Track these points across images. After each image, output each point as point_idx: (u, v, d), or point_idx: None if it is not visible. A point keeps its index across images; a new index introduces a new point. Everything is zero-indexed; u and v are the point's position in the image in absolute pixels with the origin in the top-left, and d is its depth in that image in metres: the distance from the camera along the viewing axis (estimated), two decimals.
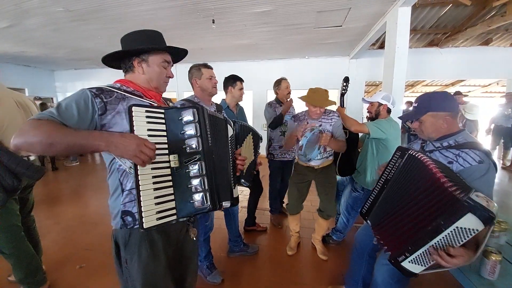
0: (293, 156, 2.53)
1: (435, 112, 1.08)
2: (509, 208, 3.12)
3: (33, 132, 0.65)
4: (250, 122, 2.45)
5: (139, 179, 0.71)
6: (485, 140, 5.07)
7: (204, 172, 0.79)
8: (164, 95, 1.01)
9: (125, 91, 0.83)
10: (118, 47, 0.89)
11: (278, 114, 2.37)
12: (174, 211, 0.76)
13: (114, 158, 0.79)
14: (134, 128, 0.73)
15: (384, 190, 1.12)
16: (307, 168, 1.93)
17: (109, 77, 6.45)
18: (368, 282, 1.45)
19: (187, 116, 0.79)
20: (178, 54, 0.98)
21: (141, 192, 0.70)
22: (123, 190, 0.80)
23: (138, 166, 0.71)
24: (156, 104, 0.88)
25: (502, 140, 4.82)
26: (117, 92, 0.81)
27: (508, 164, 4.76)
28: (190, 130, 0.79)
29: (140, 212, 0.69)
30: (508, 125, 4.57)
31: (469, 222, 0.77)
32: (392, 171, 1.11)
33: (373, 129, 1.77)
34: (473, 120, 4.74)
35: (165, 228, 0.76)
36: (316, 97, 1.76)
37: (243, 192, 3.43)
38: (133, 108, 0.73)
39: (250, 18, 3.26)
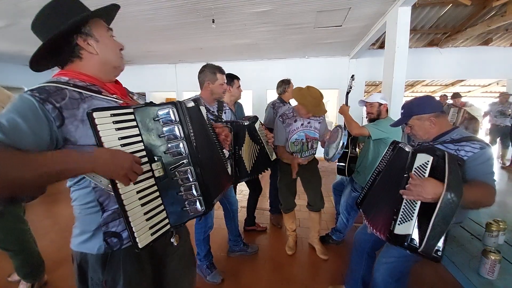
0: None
1: (418, 115, 1.17)
2: (508, 207, 3.13)
3: None
4: None
5: (123, 198, 0.61)
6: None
7: (194, 178, 0.71)
8: (164, 95, 0.93)
9: (77, 87, 0.63)
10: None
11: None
12: (167, 221, 0.71)
13: (84, 177, 0.64)
14: (102, 140, 0.59)
15: (376, 180, 1.24)
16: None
17: None
18: (368, 281, 1.45)
19: (165, 115, 0.68)
20: (109, 17, 0.76)
21: (128, 212, 0.62)
22: (104, 211, 0.67)
23: (118, 184, 0.60)
24: (122, 102, 0.71)
25: (499, 139, 4.85)
26: (69, 89, 0.61)
27: (507, 163, 4.78)
28: (170, 132, 0.68)
29: (132, 233, 0.62)
30: (505, 124, 4.60)
31: (421, 160, 0.99)
32: (383, 163, 1.22)
33: (374, 131, 1.79)
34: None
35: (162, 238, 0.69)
36: (315, 103, 1.74)
37: (242, 192, 3.44)
38: (95, 114, 0.57)
39: (250, 18, 3.25)
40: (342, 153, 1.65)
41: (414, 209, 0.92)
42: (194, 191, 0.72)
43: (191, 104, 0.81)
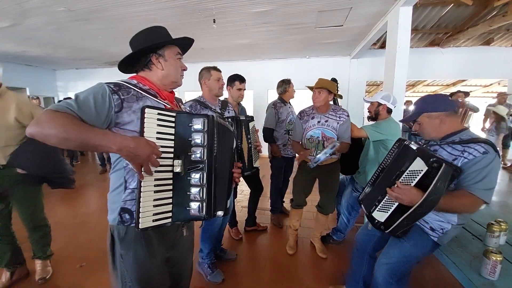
0: (293, 153, 2.54)
1: (429, 112, 1.16)
2: (510, 208, 3.12)
3: (50, 124, 0.64)
4: None
5: (142, 180, 0.72)
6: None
7: (204, 182, 0.80)
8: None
9: (141, 89, 0.83)
10: (120, 47, 0.91)
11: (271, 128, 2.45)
12: (169, 215, 0.78)
13: (121, 157, 0.79)
14: (145, 130, 0.73)
15: (379, 177, 1.25)
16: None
17: (110, 76, 6.46)
18: (368, 282, 1.45)
19: (197, 124, 0.79)
20: (185, 46, 1.00)
21: (141, 193, 0.72)
22: (126, 188, 0.80)
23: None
24: (169, 106, 0.89)
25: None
26: (134, 89, 0.81)
27: (508, 164, 4.76)
28: (197, 139, 0.79)
29: (138, 212, 0.71)
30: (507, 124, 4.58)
31: (417, 165, 1.02)
32: (388, 160, 1.23)
33: (371, 133, 1.79)
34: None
35: (161, 227, 0.78)
36: (318, 81, 1.83)
37: (243, 192, 3.44)
38: (146, 110, 0.73)
39: (250, 18, 3.26)
40: (315, 165, 1.68)
41: (392, 206, 1.08)
42: (200, 194, 0.79)
43: (229, 127, 0.96)
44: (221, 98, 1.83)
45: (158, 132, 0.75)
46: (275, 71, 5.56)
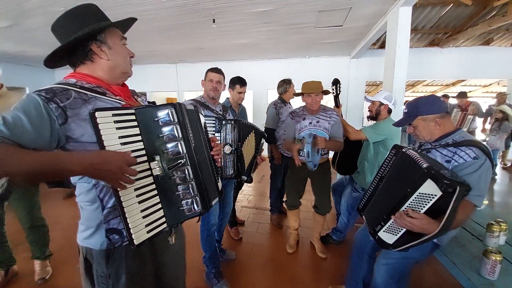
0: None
1: (424, 115, 1.13)
2: (509, 208, 3.12)
3: None
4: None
5: (120, 195, 0.63)
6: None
7: (191, 177, 0.72)
8: (165, 95, 0.96)
9: (83, 88, 0.67)
10: None
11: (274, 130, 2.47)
12: (163, 220, 0.72)
13: None
14: (103, 138, 0.61)
15: (379, 187, 1.19)
16: (303, 165, 1.91)
17: None
18: (368, 282, 1.45)
19: (164, 116, 0.68)
20: (125, 28, 0.83)
21: (125, 209, 0.63)
22: (104, 207, 0.69)
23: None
24: (124, 103, 0.74)
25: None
26: (74, 90, 0.65)
27: (508, 164, 4.76)
28: (169, 132, 0.69)
29: (128, 229, 0.63)
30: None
31: (429, 188, 0.88)
32: (387, 168, 1.18)
33: (371, 135, 1.79)
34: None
35: (157, 236, 0.71)
36: (310, 85, 1.81)
37: (243, 192, 3.43)
38: (97, 114, 0.60)
39: (250, 18, 3.26)
40: (314, 167, 1.67)
41: (401, 229, 0.98)
42: (191, 191, 0.73)
43: (191, 107, 0.83)
44: (221, 99, 1.84)
45: (120, 137, 0.64)
46: (275, 71, 5.55)
